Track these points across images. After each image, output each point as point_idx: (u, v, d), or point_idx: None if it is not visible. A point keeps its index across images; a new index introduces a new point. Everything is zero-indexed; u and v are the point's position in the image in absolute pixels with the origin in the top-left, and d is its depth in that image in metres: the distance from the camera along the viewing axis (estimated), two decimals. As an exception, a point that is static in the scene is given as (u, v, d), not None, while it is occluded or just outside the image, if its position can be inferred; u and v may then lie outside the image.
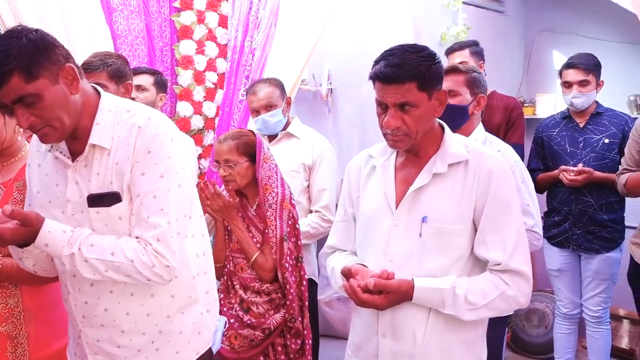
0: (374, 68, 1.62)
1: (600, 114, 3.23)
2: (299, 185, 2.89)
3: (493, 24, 4.36)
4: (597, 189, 3.15)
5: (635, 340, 3.96)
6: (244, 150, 2.40)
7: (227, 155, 2.39)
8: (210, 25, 3.30)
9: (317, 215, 2.89)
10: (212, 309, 1.79)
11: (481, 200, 1.63)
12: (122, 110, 1.60)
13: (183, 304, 1.69)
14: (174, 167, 1.56)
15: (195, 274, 1.71)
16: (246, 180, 2.42)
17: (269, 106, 2.87)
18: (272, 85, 2.91)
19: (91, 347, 1.67)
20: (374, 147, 1.87)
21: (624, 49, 4.04)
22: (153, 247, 1.51)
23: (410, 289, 1.60)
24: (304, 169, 2.91)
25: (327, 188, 2.90)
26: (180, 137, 1.64)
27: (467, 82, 2.39)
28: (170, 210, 1.53)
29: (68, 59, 1.52)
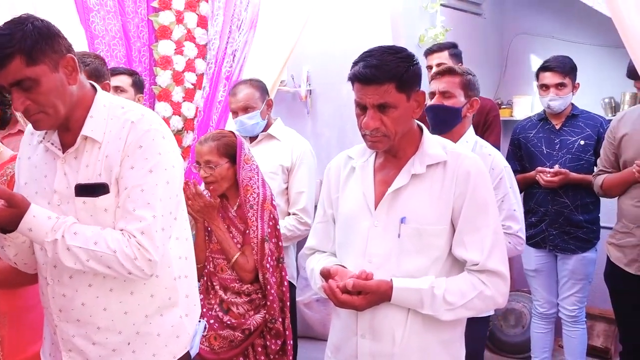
0: (353, 69, 1.62)
1: (576, 116, 3.27)
2: (277, 187, 2.88)
3: (471, 26, 4.39)
4: (573, 190, 3.19)
5: (610, 339, 4.02)
6: (224, 151, 2.40)
7: (208, 156, 2.38)
8: (189, 25, 3.28)
9: (295, 218, 2.89)
10: (192, 314, 1.78)
11: (459, 201, 1.64)
12: (116, 107, 1.62)
13: (162, 305, 1.68)
14: (163, 163, 1.57)
15: (177, 275, 1.70)
16: (227, 181, 2.42)
17: (247, 108, 2.87)
18: (252, 87, 2.90)
19: (66, 343, 1.65)
20: (353, 149, 1.87)
21: (599, 52, 4.10)
22: (137, 240, 1.51)
23: (389, 289, 1.61)
24: (283, 171, 2.90)
25: (305, 191, 2.89)
26: (171, 136, 1.65)
27: (462, 84, 2.40)
28: (157, 205, 1.54)
29: (70, 50, 1.55)
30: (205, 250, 2.46)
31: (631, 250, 2.77)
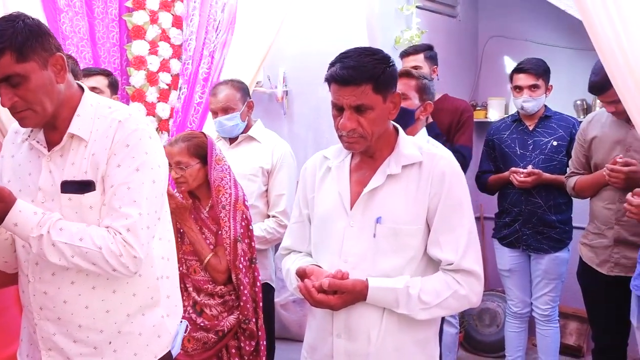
0: (330, 70, 1.63)
1: (549, 117, 3.32)
2: (257, 189, 2.86)
3: (446, 28, 4.43)
4: (546, 190, 3.23)
5: (582, 337, 4.08)
6: (195, 152, 2.39)
7: (178, 157, 2.37)
8: (164, 25, 3.25)
9: (274, 220, 2.87)
10: (173, 314, 1.78)
11: (434, 201, 1.66)
12: (103, 106, 1.63)
13: (144, 304, 1.68)
14: (150, 163, 1.58)
15: (159, 275, 1.71)
16: (198, 182, 2.40)
17: (226, 109, 2.84)
18: (233, 88, 2.89)
19: (46, 342, 1.64)
20: (329, 149, 1.88)
21: (572, 55, 4.16)
22: (122, 237, 1.52)
23: (365, 288, 1.61)
24: (263, 173, 2.88)
25: (285, 193, 2.88)
26: (157, 136, 1.66)
27: (417, 87, 2.46)
28: (143, 203, 1.55)
29: (59, 49, 1.57)
30: (178, 252, 2.44)
31: (603, 251, 2.81)
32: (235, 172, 2.71)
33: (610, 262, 2.78)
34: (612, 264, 2.77)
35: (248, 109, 2.93)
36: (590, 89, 2.72)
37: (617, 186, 2.65)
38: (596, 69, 2.66)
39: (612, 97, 2.62)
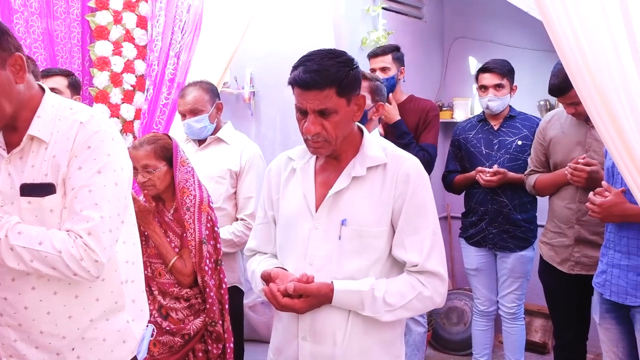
0: (293, 74, 1.62)
1: (514, 117, 3.36)
2: (225, 191, 2.84)
3: (412, 29, 4.46)
4: (511, 190, 3.27)
5: (547, 333, 4.15)
6: (161, 154, 2.37)
7: (145, 160, 2.35)
8: (128, 26, 3.20)
9: (242, 223, 2.85)
10: (139, 319, 1.76)
11: (399, 203, 1.67)
12: (64, 108, 1.59)
13: (108, 309, 1.65)
14: (112, 165, 1.55)
15: (123, 280, 1.68)
16: (165, 185, 2.38)
17: (195, 111, 2.82)
18: (202, 90, 2.86)
19: (6, 348, 1.60)
20: (293, 150, 1.87)
21: (535, 56, 4.23)
22: (83, 240, 1.48)
23: (330, 292, 1.61)
24: (231, 176, 2.86)
25: (254, 196, 2.86)
26: (120, 138, 1.63)
27: (370, 89, 2.53)
28: (104, 206, 1.52)
29: (18, 49, 1.53)
30: (142, 255, 2.41)
31: (563, 250, 2.86)
32: (204, 174, 2.69)
33: (571, 261, 2.83)
34: (573, 263, 2.82)
35: (217, 110, 2.91)
36: (550, 91, 2.77)
37: (578, 185, 2.70)
38: (555, 72, 2.71)
39: (571, 99, 2.68)
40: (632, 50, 1.79)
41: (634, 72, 1.80)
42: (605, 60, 1.83)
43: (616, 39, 1.80)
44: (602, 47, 1.82)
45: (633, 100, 1.81)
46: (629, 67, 1.80)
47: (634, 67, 1.80)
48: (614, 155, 1.91)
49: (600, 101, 1.86)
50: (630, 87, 1.81)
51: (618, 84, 1.82)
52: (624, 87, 1.82)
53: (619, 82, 1.82)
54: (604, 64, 1.83)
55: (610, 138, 1.88)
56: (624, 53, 1.80)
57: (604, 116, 1.87)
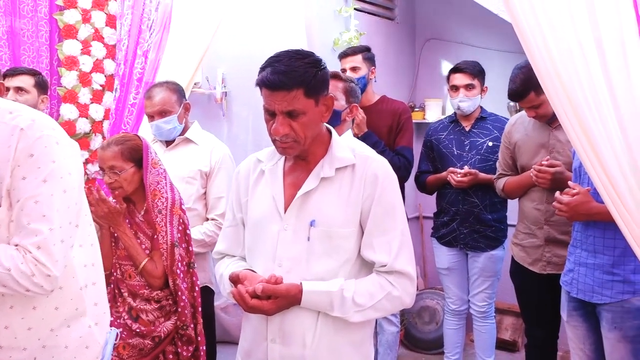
0: (260, 75, 1.61)
1: (485, 118, 3.40)
2: (195, 192, 2.82)
3: (384, 30, 4.47)
4: (482, 190, 3.31)
5: (518, 331, 4.20)
6: (129, 155, 2.33)
7: (112, 161, 2.31)
8: (97, 24, 3.16)
9: (213, 223, 2.83)
10: (101, 322, 1.71)
11: (367, 204, 1.67)
12: (3, 112, 1.49)
13: (69, 316, 1.60)
14: (58, 171, 1.47)
15: (83, 284, 1.63)
16: (133, 186, 2.35)
17: (163, 112, 2.79)
18: (169, 90, 2.83)
19: None
20: (262, 152, 1.87)
21: (505, 58, 4.27)
22: (33, 255, 1.41)
23: (299, 293, 1.61)
24: (201, 176, 2.84)
25: (224, 196, 2.84)
26: (66, 140, 1.55)
27: (344, 89, 2.53)
28: (54, 217, 1.45)
29: None
30: (112, 257, 2.38)
31: (534, 251, 2.90)
32: (173, 175, 2.67)
33: (542, 261, 2.86)
34: (544, 263, 2.86)
35: (185, 110, 2.88)
36: (509, 96, 2.82)
37: (544, 186, 2.74)
38: (513, 77, 2.76)
39: (530, 103, 2.73)
40: (598, 51, 1.82)
41: (600, 73, 1.83)
42: (572, 62, 1.85)
43: (582, 39, 1.83)
44: (569, 48, 1.85)
45: (599, 101, 1.84)
46: (595, 68, 1.83)
47: (599, 68, 1.83)
48: (581, 155, 1.94)
49: (568, 102, 1.89)
50: (596, 88, 1.84)
51: (585, 85, 1.85)
52: (590, 88, 1.84)
53: (585, 83, 1.85)
54: (570, 65, 1.86)
55: (577, 138, 1.91)
56: (590, 54, 1.83)
57: (570, 116, 1.90)
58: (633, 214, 1.87)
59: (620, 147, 1.84)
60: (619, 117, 1.83)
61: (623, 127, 1.82)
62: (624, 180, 1.85)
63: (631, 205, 1.86)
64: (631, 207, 1.86)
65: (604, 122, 1.85)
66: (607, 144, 1.85)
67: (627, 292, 2.27)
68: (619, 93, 1.82)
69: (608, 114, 1.84)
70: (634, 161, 1.83)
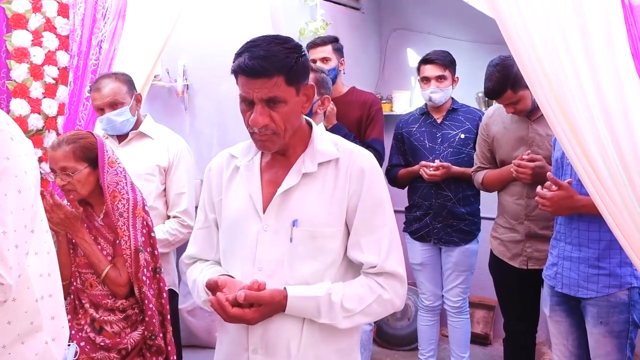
0: (237, 61, 1.48)
1: (456, 109, 3.33)
2: (155, 189, 2.67)
3: (350, 21, 4.38)
4: (455, 183, 3.25)
5: (489, 325, 4.18)
6: (82, 155, 2.13)
7: (63, 162, 2.12)
8: (49, 14, 2.97)
9: (176, 220, 2.69)
10: (59, 337, 1.55)
11: (354, 200, 1.56)
12: None
13: (23, 331, 1.45)
14: (13, 169, 1.33)
15: (39, 296, 1.47)
16: (88, 188, 2.16)
17: (114, 104, 2.61)
18: (118, 81, 2.66)
19: None
20: (235, 147, 1.73)
21: (473, 48, 4.23)
22: None
23: (284, 299, 1.49)
24: (160, 172, 2.69)
25: (186, 191, 2.71)
26: (21, 137, 1.41)
27: (316, 80, 2.43)
28: (7, 219, 1.31)
29: None
30: (71, 265, 2.19)
31: (514, 245, 2.85)
32: (130, 172, 2.51)
33: (523, 256, 2.81)
34: (525, 258, 2.81)
35: (136, 102, 2.72)
36: (486, 94, 2.77)
37: (524, 181, 2.69)
38: (489, 75, 2.70)
39: (509, 100, 2.68)
40: (582, 40, 1.77)
41: (584, 62, 1.78)
42: (556, 50, 1.80)
43: (565, 28, 1.78)
44: (552, 38, 1.80)
45: (583, 91, 1.79)
46: (579, 57, 1.78)
47: (583, 56, 1.78)
48: (565, 146, 1.88)
49: (551, 93, 1.83)
50: (580, 77, 1.78)
51: (569, 75, 1.80)
52: (574, 76, 1.79)
53: (570, 72, 1.80)
54: (554, 54, 1.81)
55: (561, 128, 1.86)
56: (574, 43, 1.78)
57: (554, 105, 1.84)
58: (619, 205, 1.82)
59: (605, 138, 1.78)
60: (603, 106, 1.77)
61: (608, 117, 1.77)
62: (608, 171, 1.80)
63: (616, 196, 1.81)
64: (617, 198, 1.81)
65: (588, 112, 1.79)
66: (592, 135, 1.80)
67: (613, 286, 2.23)
68: (603, 83, 1.77)
69: (592, 104, 1.78)
70: (620, 151, 1.77)
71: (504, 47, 2.25)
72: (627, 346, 2.24)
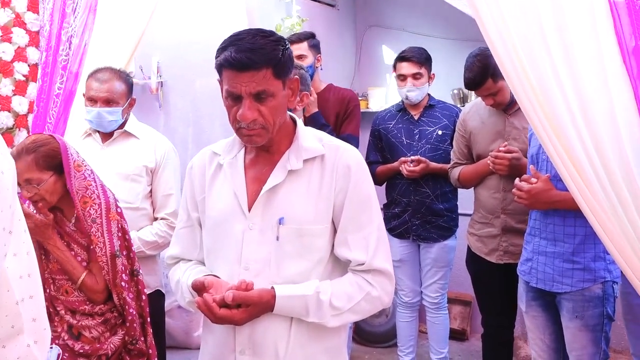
0: (223, 55, 1.44)
1: (433, 106, 3.33)
2: (142, 190, 2.60)
3: (326, 17, 4.36)
4: (433, 180, 3.25)
5: (466, 320, 4.21)
6: (45, 164, 2.02)
7: (27, 174, 1.99)
8: (18, 9, 2.88)
9: (165, 222, 2.62)
10: (41, 339, 1.50)
11: (340, 197, 1.54)
12: None
13: (4, 335, 1.39)
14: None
15: (19, 299, 1.41)
16: (57, 196, 2.05)
17: (109, 101, 2.53)
18: (121, 80, 2.58)
19: None
20: (217, 144, 1.70)
21: (448, 45, 4.24)
22: None
23: (272, 298, 1.46)
24: (147, 173, 2.62)
25: (174, 193, 2.64)
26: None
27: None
28: None
29: None
30: (44, 271, 2.08)
31: (491, 240, 2.85)
32: (116, 172, 2.44)
33: (499, 251, 2.82)
34: (501, 252, 2.82)
35: (129, 106, 2.65)
36: (467, 85, 2.76)
37: (501, 173, 2.70)
38: (469, 65, 2.70)
39: (488, 91, 2.68)
40: (561, 36, 1.77)
41: (563, 60, 1.78)
42: (535, 47, 1.80)
43: (545, 27, 1.78)
44: (532, 36, 1.80)
45: (563, 89, 1.79)
46: (558, 54, 1.78)
47: (562, 53, 1.78)
48: (543, 140, 1.88)
49: (532, 91, 1.83)
50: (560, 74, 1.78)
51: (549, 72, 1.80)
52: (554, 74, 1.79)
53: (549, 70, 1.80)
54: (534, 51, 1.80)
55: (540, 123, 1.85)
56: (552, 40, 1.78)
57: (534, 103, 1.84)
58: (600, 200, 1.82)
59: (585, 132, 1.79)
60: (582, 102, 1.78)
61: (587, 112, 1.77)
62: (590, 165, 1.80)
63: (597, 190, 1.82)
64: (597, 191, 1.82)
65: (568, 107, 1.79)
66: (573, 129, 1.80)
67: (588, 280, 2.25)
68: (585, 79, 1.77)
69: (572, 99, 1.79)
70: (599, 145, 1.78)
71: (479, 44, 2.25)
72: (602, 339, 2.27)
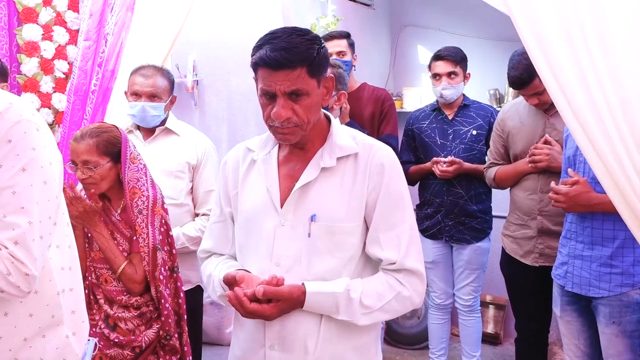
0: (259, 53, 1.44)
1: (468, 106, 3.30)
2: (185, 186, 2.66)
3: (361, 17, 4.35)
4: (467, 180, 3.21)
5: (499, 324, 4.15)
6: (105, 149, 2.10)
7: (86, 155, 2.08)
8: (59, 8, 2.95)
9: (207, 218, 2.66)
10: (80, 331, 1.54)
11: (373, 196, 1.53)
12: None
13: (44, 325, 1.44)
14: (39, 160, 1.33)
15: (60, 289, 1.46)
16: (109, 183, 2.13)
17: (154, 96, 2.60)
18: (164, 77, 2.66)
19: None
20: (252, 140, 1.71)
21: (484, 45, 4.19)
22: (9, 251, 1.27)
23: (302, 295, 1.46)
24: (189, 169, 2.67)
25: (214, 189, 2.68)
26: (46, 128, 1.41)
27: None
28: (33, 210, 1.30)
29: None
30: (86, 259, 2.15)
31: (527, 242, 2.80)
32: (159, 168, 2.49)
33: (535, 253, 2.77)
34: (537, 255, 2.77)
35: (171, 103, 2.71)
36: (512, 84, 2.70)
37: (540, 165, 2.65)
38: (515, 64, 2.64)
39: (535, 89, 2.62)
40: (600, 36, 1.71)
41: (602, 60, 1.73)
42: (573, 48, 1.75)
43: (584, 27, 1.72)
44: (570, 36, 1.75)
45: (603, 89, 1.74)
46: (597, 54, 1.73)
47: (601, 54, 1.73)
48: (581, 143, 1.82)
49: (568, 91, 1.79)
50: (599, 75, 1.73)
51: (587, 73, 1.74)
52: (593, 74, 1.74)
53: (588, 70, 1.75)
54: (571, 51, 1.75)
55: (580, 125, 1.80)
56: (592, 40, 1.72)
57: (571, 99, 1.79)
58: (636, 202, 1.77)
59: (626, 132, 1.73)
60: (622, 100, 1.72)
61: (626, 110, 1.72)
62: (632, 167, 1.75)
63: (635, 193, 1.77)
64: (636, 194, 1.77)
65: (608, 105, 1.74)
66: (613, 129, 1.75)
67: (626, 284, 2.19)
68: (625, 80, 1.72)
69: (611, 97, 1.73)
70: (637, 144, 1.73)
71: (515, 44, 2.21)
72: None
